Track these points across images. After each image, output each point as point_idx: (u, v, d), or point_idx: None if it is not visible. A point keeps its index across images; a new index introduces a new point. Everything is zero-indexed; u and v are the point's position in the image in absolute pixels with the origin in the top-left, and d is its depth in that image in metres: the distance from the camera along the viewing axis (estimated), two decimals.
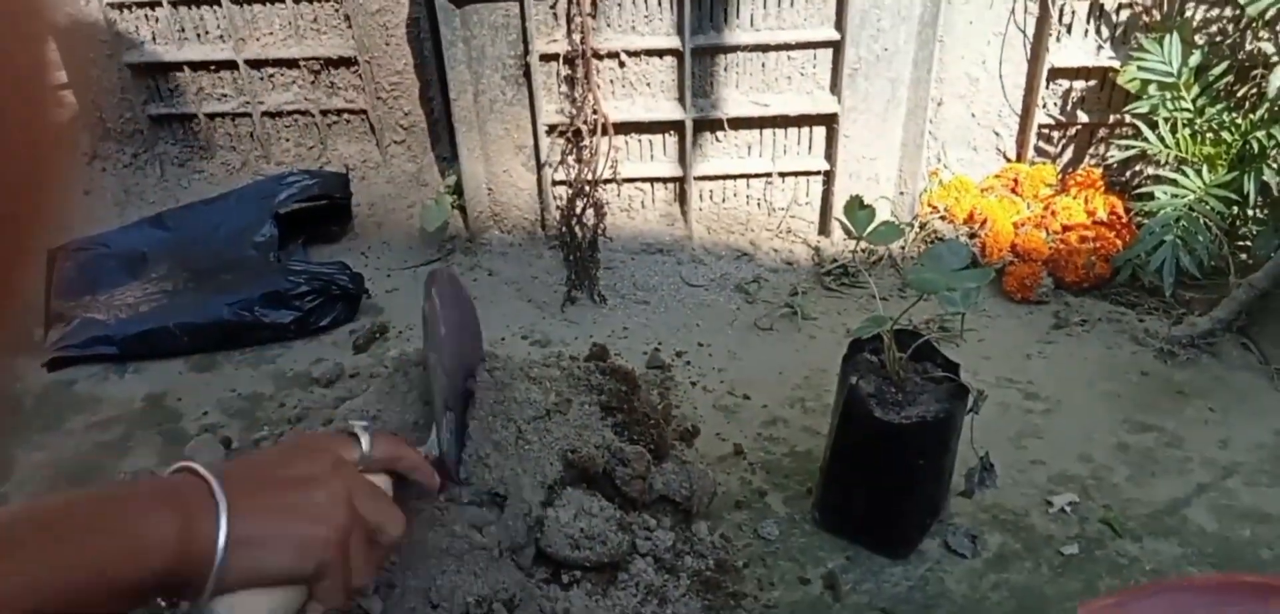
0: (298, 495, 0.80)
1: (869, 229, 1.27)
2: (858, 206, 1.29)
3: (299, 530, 0.78)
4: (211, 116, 2.43)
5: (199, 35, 2.35)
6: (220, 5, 2.29)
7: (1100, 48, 2.08)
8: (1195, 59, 1.87)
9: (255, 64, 2.36)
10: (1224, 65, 1.87)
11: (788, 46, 1.98)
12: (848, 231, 1.29)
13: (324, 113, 2.40)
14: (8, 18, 0.28)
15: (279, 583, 0.78)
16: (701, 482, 1.33)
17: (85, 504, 0.71)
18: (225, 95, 2.41)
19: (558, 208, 2.11)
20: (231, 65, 2.36)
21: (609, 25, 1.98)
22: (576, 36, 1.95)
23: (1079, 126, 2.17)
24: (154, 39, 2.36)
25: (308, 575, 0.79)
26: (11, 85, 0.28)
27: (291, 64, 2.36)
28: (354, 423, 0.93)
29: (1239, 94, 1.94)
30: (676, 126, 2.06)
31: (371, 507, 0.85)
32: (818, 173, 2.10)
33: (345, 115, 2.42)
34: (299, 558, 0.78)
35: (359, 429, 0.92)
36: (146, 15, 2.33)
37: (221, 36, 2.34)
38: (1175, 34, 1.87)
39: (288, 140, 2.45)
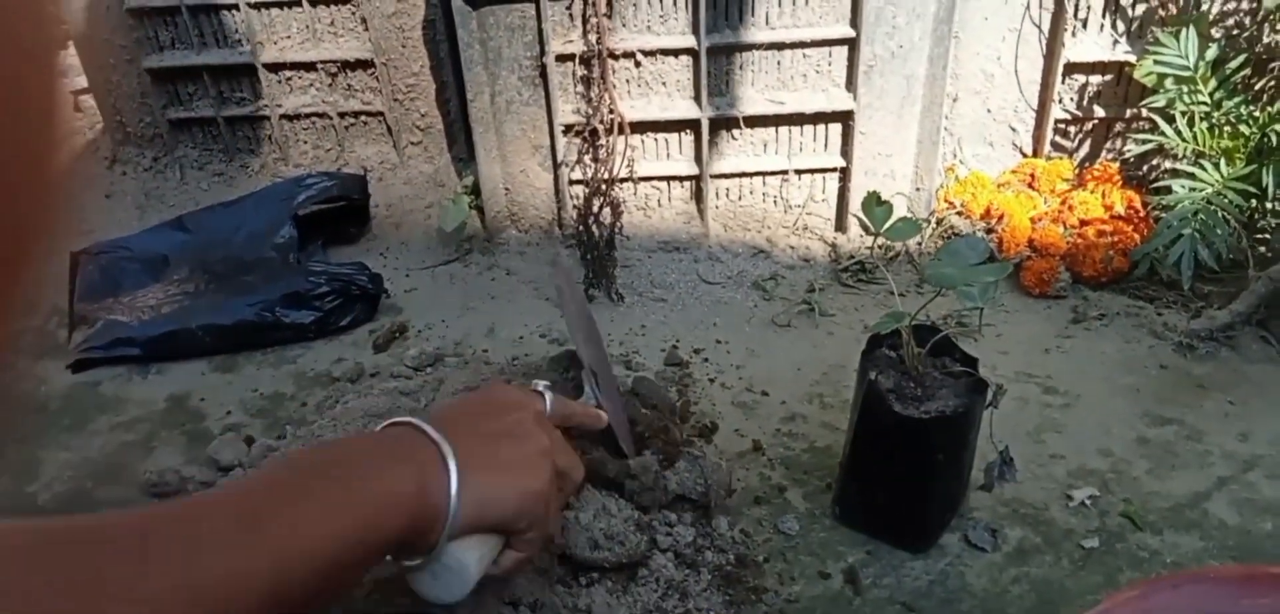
0: (513, 449, 0.82)
1: (886, 225, 1.27)
2: (875, 203, 1.29)
3: (518, 483, 0.81)
4: (230, 120, 2.45)
5: (217, 40, 2.38)
6: (238, 10, 2.31)
7: (1116, 42, 2.08)
8: (1212, 52, 1.86)
9: (273, 67, 2.38)
10: (1242, 58, 1.87)
11: (803, 44, 1.99)
12: (865, 228, 1.30)
13: (341, 115, 2.42)
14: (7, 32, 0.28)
15: (494, 531, 0.81)
16: (716, 475, 1.34)
17: (323, 469, 0.71)
18: (243, 99, 2.44)
19: (575, 207, 2.12)
20: (250, 69, 2.38)
21: (625, 25, 1.99)
22: (592, 37, 1.96)
23: (1095, 121, 2.16)
24: (173, 44, 2.38)
25: (520, 526, 0.82)
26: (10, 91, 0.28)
27: (309, 67, 2.37)
28: (537, 382, 0.98)
29: (1257, 87, 1.93)
30: (693, 125, 2.07)
31: (565, 458, 0.90)
32: (834, 170, 2.10)
33: (362, 117, 2.43)
34: (518, 509, 0.81)
35: (542, 387, 0.97)
36: (165, 21, 2.35)
37: (239, 41, 2.36)
38: (1192, 27, 1.87)
39: (305, 143, 2.47)
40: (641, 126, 2.07)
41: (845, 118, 2.04)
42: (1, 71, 0.27)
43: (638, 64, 2.02)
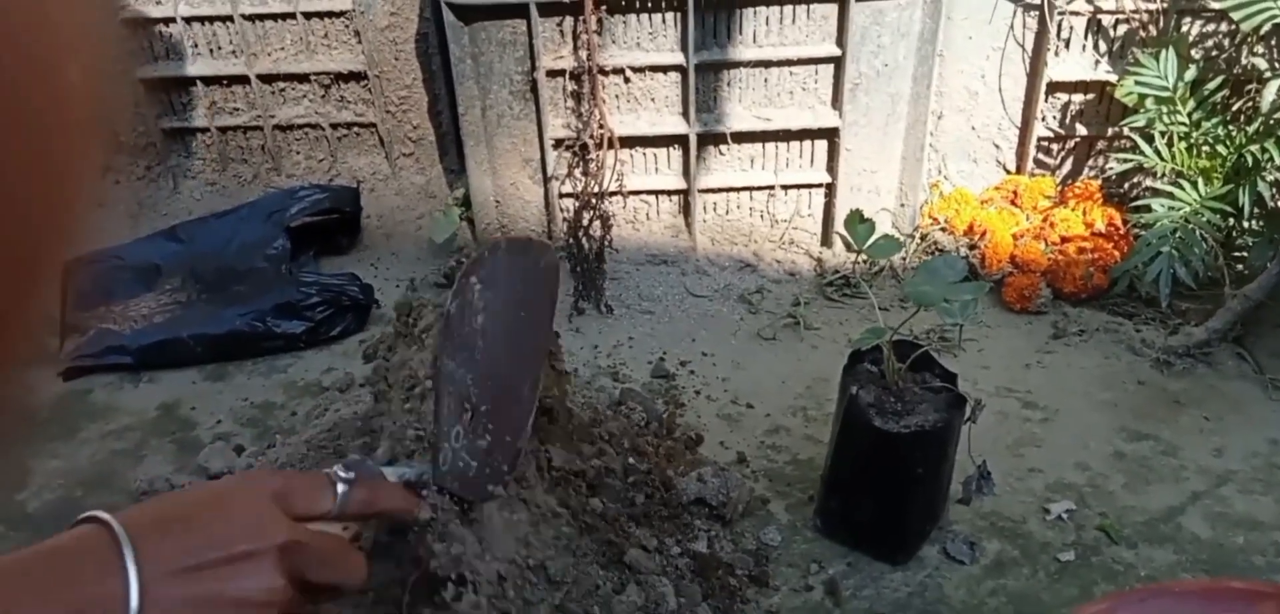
0: (223, 591, 0.62)
1: (869, 242, 1.30)
2: (858, 220, 1.32)
3: None
4: (223, 130, 2.47)
5: (211, 50, 2.39)
6: (233, 21, 2.33)
7: (1098, 62, 2.12)
8: (1191, 74, 1.90)
9: (267, 78, 2.40)
10: (1219, 80, 1.90)
11: (790, 62, 2.02)
12: (848, 245, 1.32)
13: (334, 126, 2.44)
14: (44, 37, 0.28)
15: None
16: (738, 489, 1.37)
17: None
18: (237, 109, 2.45)
19: (565, 220, 2.14)
20: (243, 80, 2.40)
21: (614, 42, 2.02)
22: (583, 53, 1.98)
23: (1077, 139, 2.20)
24: (168, 54, 2.40)
25: None
26: (41, 97, 0.29)
27: (302, 78, 2.39)
28: (337, 470, 0.79)
29: (1234, 108, 1.97)
30: (681, 140, 2.09)
31: (323, 570, 0.70)
32: (820, 185, 2.13)
33: (355, 129, 2.45)
34: None
35: (339, 477, 0.77)
36: (161, 31, 2.37)
37: (234, 52, 2.38)
38: (1171, 49, 1.90)
39: (298, 153, 2.49)
40: (630, 141, 2.10)
41: (831, 134, 2.07)
42: (17, 85, 0.28)
43: (627, 80, 2.05)
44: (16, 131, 0.28)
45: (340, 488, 0.76)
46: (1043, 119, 2.18)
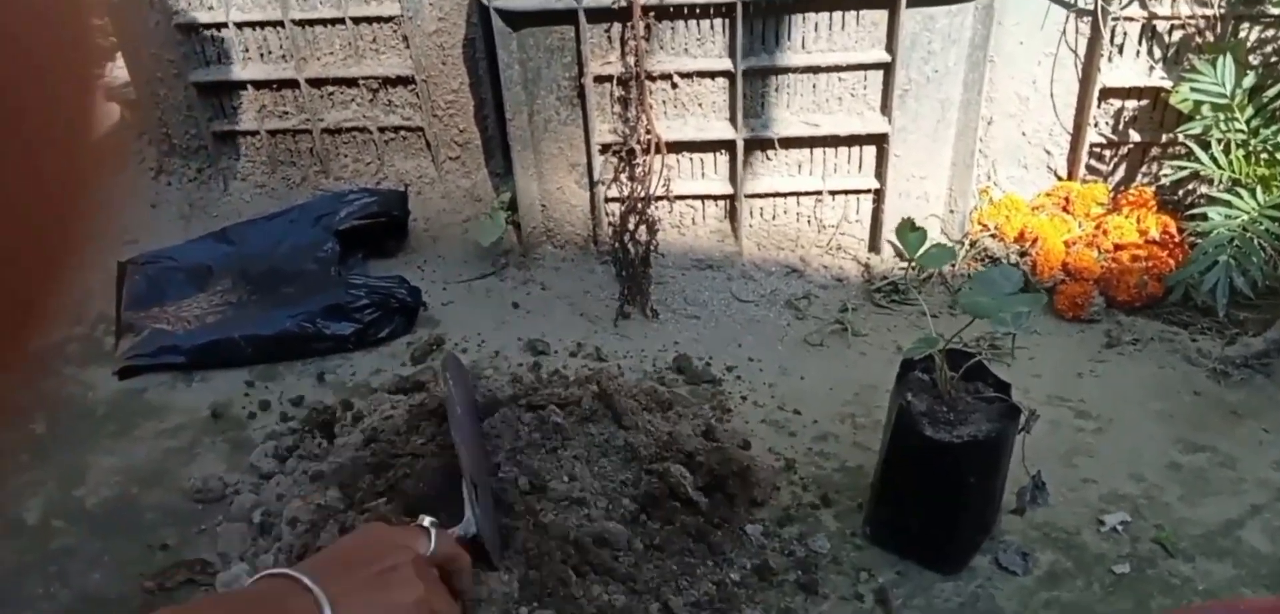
0: (387, 598, 0.82)
1: (920, 251, 1.29)
2: (909, 229, 1.31)
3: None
4: (273, 133, 2.50)
5: (262, 55, 2.43)
6: (283, 27, 2.36)
7: (1152, 68, 2.08)
8: (1249, 80, 1.86)
9: (316, 83, 2.42)
10: (1279, 87, 1.87)
11: (839, 68, 2.00)
12: (899, 254, 1.31)
13: (381, 130, 2.46)
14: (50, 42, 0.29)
15: None
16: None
17: None
18: (286, 113, 2.48)
19: (610, 224, 2.14)
20: (293, 84, 2.42)
21: (662, 48, 2.02)
22: (630, 59, 1.99)
23: (1131, 146, 2.17)
24: (219, 59, 2.44)
25: None
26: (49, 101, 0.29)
27: (351, 83, 2.42)
28: (424, 519, 0.98)
29: None
30: (728, 146, 2.09)
31: (441, 603, 0.87)
32: (868, 191, 2.12)
33: (402, 132, 2.47)
34: None
35: (428, 524, 0.96)
36: (213, 36, 2.41)
37: (284, 56, 2.41)
38: (1228, 55, 1.87)
39: (346, 156, 2.52)
40: (677, 146, 2.10)
41: (880, 140, 2.05)
42: (38, 80, 0.28)
43: (675, 85, 2.05)
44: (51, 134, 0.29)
45: (432, 535, 0.95)
46: (1095, 125, 2.16)
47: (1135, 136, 2.15)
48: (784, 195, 2.15)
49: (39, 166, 0.29)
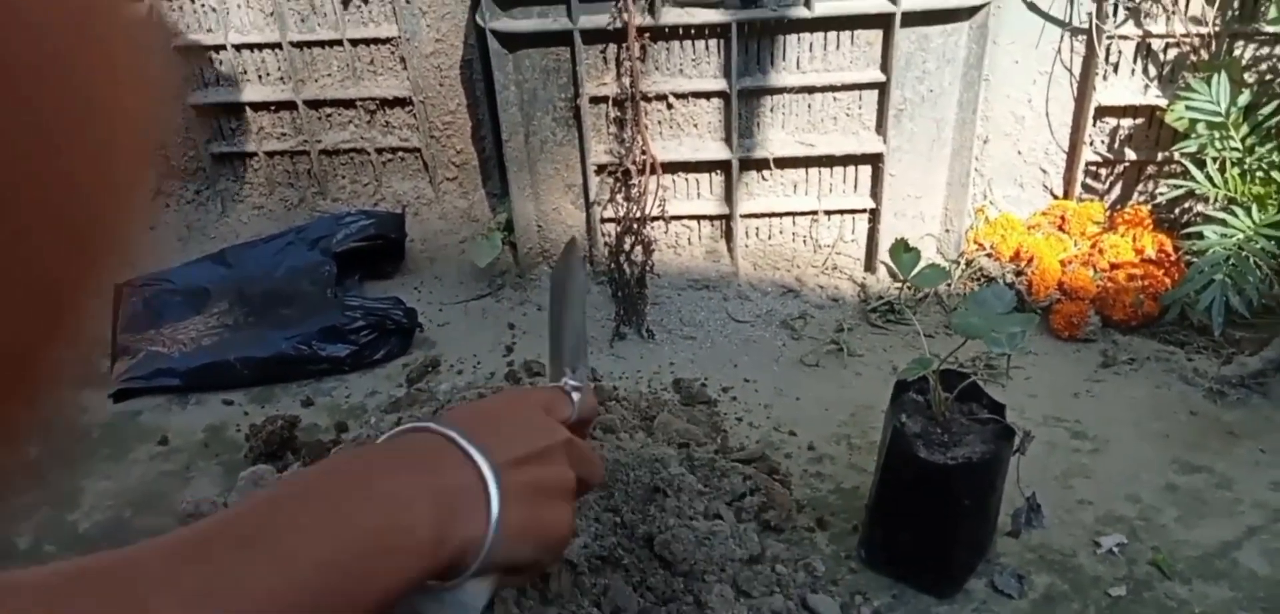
0: (547, 484, 0.69)
1: (914, 272, 1.29)
2: (903, 249, 1.31)
3: (550, 534, 0.69)
4: (271, 154, 2.51)
5: (260, 77, 2.43)
6: (281, 49, 2.37)
7: (1147, 86, 2.09)
8: (1244, 98, 1.86)
9: (314, 104, 2.43)
10: (1274, 105, 1.87)
11: (833, 88, 2.01)
12: (893, 275, 1.31)
13: (379, 151, 2.47)
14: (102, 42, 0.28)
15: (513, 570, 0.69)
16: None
17: (315, 503, 0.56)
18: (284, 134, 2.49)
19: (606, 245, 2.14)
20: (291, 105, 2.43)
21: (657, 69, 2.03)
22: (626, 80, 1.99)
23: (1126, 164, 2.17)
24: (217, 81, 2.44)
25: (534, 568, 0.71)
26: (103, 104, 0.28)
27: (348, 104, 2.42)
28: (568, 381, 0.84)
29: None
30: (723, 166, 2.09)
31: (583, 466, 0.75)
32: (863, 211, 2.12)
33: (399, 153, 2.48)
34: (541, 559, 0.70)
35: (571, 388, 0.82)
36: (211, 58, 2.41)
37: (282, 78, 2.42)
38: (1223, 73, 1.87)
39: (344, 177, 2.52)
40: (672, 167, 2.10)
41: (875, 160, 2.05)
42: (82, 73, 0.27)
43: (670, 106, 2.05)
44: (80, 150, 0.29)
45: (575, 396, 0.82)
46: (1091, 144, 2.16)
47: (1131, 155, 2.15)
48: (779, 215, 2.15)
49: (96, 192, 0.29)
